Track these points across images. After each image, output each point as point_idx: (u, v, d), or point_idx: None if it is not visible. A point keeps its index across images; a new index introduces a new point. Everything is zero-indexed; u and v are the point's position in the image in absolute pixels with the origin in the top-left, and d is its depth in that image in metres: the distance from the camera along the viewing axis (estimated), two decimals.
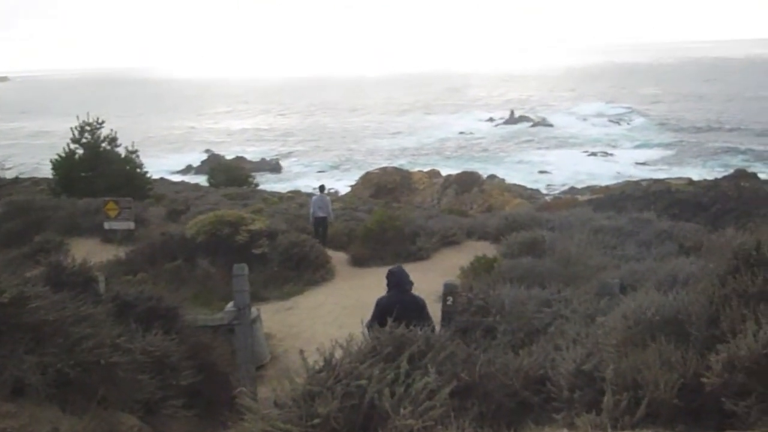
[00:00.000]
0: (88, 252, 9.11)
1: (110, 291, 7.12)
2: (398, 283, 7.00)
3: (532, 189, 48.59)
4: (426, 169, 51.37)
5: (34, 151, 73.72)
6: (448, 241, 17.38)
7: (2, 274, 5.21)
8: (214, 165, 49.15)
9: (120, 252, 14.95)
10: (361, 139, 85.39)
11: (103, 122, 23.94)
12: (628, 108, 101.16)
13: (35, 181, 30.85)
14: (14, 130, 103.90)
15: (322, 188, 19.24)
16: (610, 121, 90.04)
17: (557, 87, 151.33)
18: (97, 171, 23.14)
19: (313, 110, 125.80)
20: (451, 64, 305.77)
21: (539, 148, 71.63)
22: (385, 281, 7.24)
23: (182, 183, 43.09)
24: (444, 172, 48.61)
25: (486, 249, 15.00)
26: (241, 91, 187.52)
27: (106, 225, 17.19)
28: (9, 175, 27.43)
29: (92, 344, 4.90)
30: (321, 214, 17.73)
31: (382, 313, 6.22)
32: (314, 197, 18.58)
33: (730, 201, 25.36)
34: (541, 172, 58.83)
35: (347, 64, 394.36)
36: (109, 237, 17.18)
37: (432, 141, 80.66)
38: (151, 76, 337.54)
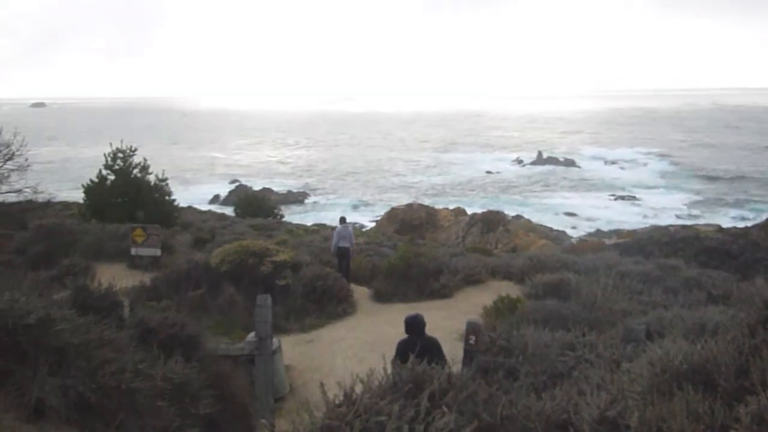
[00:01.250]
0: (114, 277, 9.17)
1: (134, 316, 7.17)
2: (416, 329, 7.46)
3: (557, 230, 48.21)
4: (452, 207, 51.34)
5: (60, 173, 75.22)
6: (472, 279, 17.26)
7: (29, 296, 5.28)
8: (240, 196, 49.62)
9: (145, 278, 15.07)
10: (387, 175, 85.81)
11: (135, 150, 24.39)
12: (657, 153, 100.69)
13: (66, 205, 31.36)
14: (43, 154, 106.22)
15: (343, 219, 19.17)
16: (638, 165, 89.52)
17: (584, 130, 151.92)
18: (127, 197, 23.49)
19: (340, 144, 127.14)
20: (478, 104, 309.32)
21: (566, 190, 71.33)
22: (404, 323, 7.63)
23: (209, 212, 43.51)
24: (469, 211, 48.52)
25: (510, 289, 14.86)
26: (268, 124, 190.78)
27: (133, 251, 17.38)
28: (40, 198, 27.92)
29: (114, 369, 4.93)
30: (343, 245, 17.60)
31: (404, 351, 6.60)
32: (337, 228, 18.50)
33: (760, 250, 24.89)
34: (568, 214, 58.47)
35: (382, 100, 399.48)
36: (135, 263, 17.36)
37: (459, 179, 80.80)
38: (182, 106, 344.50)
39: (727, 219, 52.07)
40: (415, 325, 7.45)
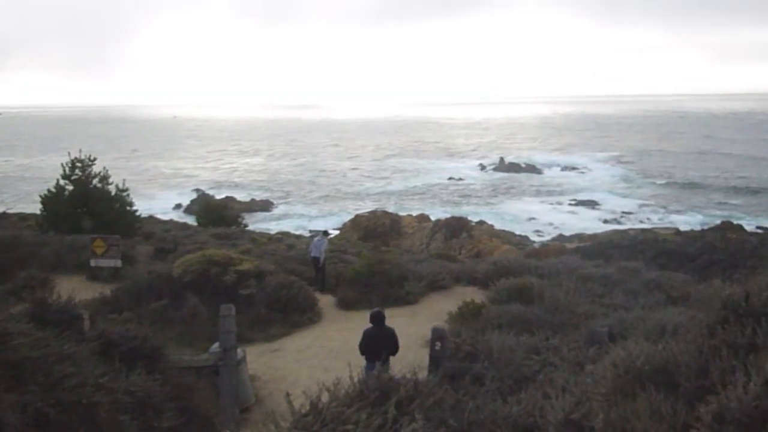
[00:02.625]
0: (74, 289, 8.98)
1: (95, 329, 7.02)
2: (379, 320, 9.17)
3: (520, 235, 48.72)
4: (415, 214, 51.51)
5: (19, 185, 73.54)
6: (437, 285, 17.35)
7: None
8: (203, 204, 49.03)
9: (106, 290, 14.79)
10: (350, 182, 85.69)
11: (94, 159, 23.93)
12: (613, 158, 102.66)
13: (23, 217, 30.64)
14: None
15: (325, 233, 20.39)
16: (596, 170, 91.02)
17: (540, 136, 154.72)
18: (86, 208, 23.04)
19: (301, 151, 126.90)
20: (434, 110, 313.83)
21: (528, 195, 72.11)
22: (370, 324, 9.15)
23: (171, 222, 42.87)
24: (433, 217, 48.75)
25: (474, 294, 14.95)
26: (227, 133, 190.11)
27: (93, 262, 17.05)
28: None
29: (74, 383, 4.81)
30: (315, 255, 18.31)
31: (368, 336, 8.99)
32: (314, 239, 19.46)
33: (717, 252, 25.52)
34: (530, 219, 59.07)
35: (336, 107, 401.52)
36: (95, 274, 17.03)
37: (422, 185, 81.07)
38: (142, 115, 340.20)
39: (683, 222, 53.18)
40: (377, 317, 9.20)
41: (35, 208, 27.97)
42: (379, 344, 8.55)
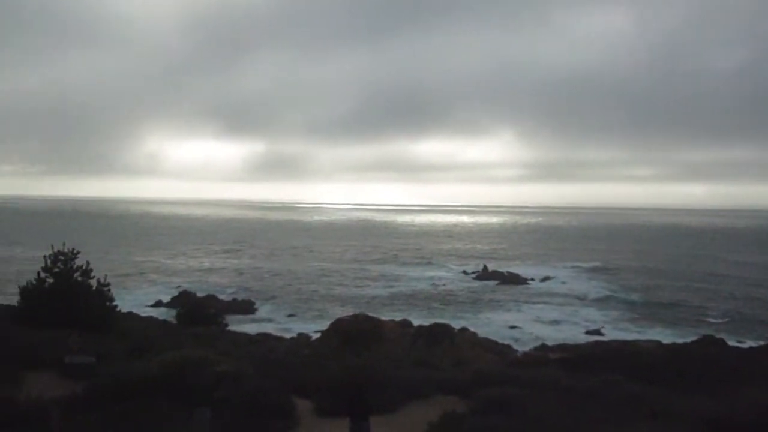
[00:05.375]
0: (45, 386, 8.77)
1: (64, 430, 6.83)
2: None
3: (502, 344, 48.26)
4: (398, 319, 51.09)
5: None
6: (417, 394, 17.02)
7: None
8: (184, 302, 48.51)
9: (78, 388, 14.39)
10: (331, 285, 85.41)
11: (78, 253, 23.87)
12: (594, 268, 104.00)
13: None
14: None
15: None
16: (576, 280, 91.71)
17: (519, 243, 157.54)
18: (66, 302, 22.74)
19: (281, 253, 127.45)
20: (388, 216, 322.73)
21: (511, 303, 72.10)
22: None
23: (150, 318, 42.21)
24: (416, 323, 48.34)
25: (456, 404, 14.68)
26: (210, 229, 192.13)
27: (67, 359, 16.67)
28: None
29: None
30: None
31: None
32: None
33: (699, 366, 25.38)
34: (512, 327, 58.79)
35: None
36: (68, 371, 16.59)
37: (404, 291, 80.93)
38: (118, 209, 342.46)
39: (666, 335, 53.10)
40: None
41: (12, 300, 27.54)
42: None
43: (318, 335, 48.24)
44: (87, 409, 12.65)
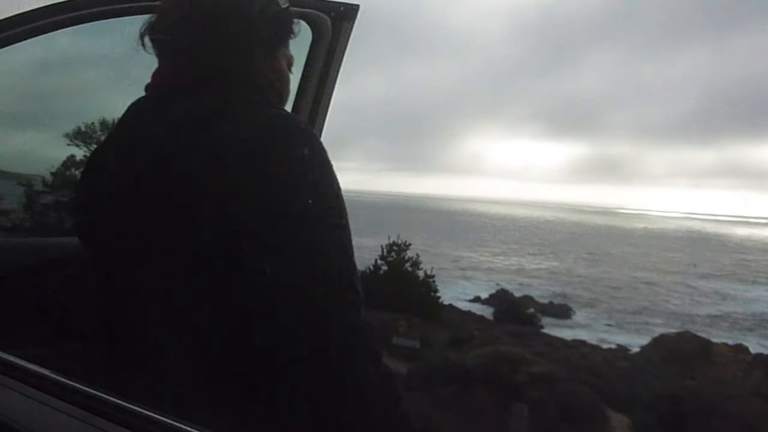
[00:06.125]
0: None
1: None
2: None
3: None
4: (730, 343, 45.90)
5: None
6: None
7: None
8: (501, 299, 49.18)
9: (402, 368, 15.47)
10: (654, 297, 79.54)
11: (409, 245, 25.98)
12: None
13: None
14: None
15: None
16: None
17: None
18: (396, 288, 24.77)
19: (600, 258, 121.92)
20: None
21: None
22: None
23: (469, 312, 43.65)
24: (753, 350, 42.91)
25: None
26: (527, 229, 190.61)
27: (394, 340, 17.96)
28: None
29: None
30: None
31: None
32: None
33: None
34: None
35: None
36: (394, 352, 17.87)
37: (739, 312, 72.14)
38: (442, 207, 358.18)
39: None
40: None
41: None
42: None
43: (638, 350, 45.57)
44: (410, 389, 13.63)
